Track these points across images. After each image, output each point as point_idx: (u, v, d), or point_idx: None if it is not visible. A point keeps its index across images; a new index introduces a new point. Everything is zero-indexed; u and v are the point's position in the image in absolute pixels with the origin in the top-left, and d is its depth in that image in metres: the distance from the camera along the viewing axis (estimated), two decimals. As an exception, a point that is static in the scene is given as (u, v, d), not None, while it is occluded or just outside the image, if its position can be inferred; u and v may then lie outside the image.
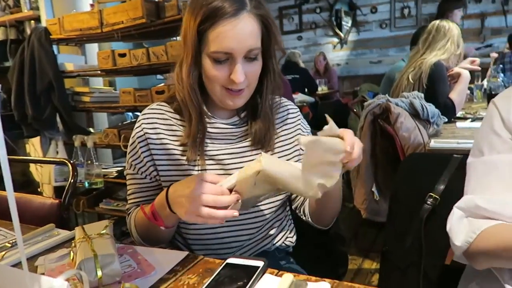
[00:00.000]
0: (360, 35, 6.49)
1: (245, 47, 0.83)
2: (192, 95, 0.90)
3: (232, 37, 0.82)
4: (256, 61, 0.87)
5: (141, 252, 0.83)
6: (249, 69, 0.86)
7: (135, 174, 0.97)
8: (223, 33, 0.82)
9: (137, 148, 0.95)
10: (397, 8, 6.13)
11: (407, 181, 1.13)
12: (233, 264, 0.72)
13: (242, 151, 0.96)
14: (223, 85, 0.87)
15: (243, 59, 0.85)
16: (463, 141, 1.57)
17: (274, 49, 0.92)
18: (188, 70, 0.89)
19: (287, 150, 1.01)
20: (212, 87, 0.89)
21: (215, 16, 0.81)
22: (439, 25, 2.21)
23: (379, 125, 1.85)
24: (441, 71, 2.10)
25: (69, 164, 1.29)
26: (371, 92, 3.44)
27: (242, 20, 0.82)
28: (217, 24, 0.82)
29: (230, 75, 0.85)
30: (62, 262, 0.81)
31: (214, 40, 0.83)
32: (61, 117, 2.40)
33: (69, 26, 2.22)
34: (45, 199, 1.26)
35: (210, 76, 0.87)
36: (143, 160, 0.94)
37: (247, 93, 0.91)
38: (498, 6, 5.53)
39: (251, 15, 0.84)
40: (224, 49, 0.83)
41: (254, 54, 0.86)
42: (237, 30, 0.82)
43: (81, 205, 2.35)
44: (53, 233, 0.96)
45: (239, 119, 0.97)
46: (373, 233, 2.67)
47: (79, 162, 2.31)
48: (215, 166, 0.94)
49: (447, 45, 2.16)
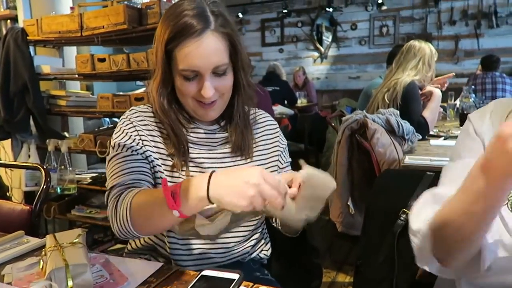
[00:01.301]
0: (340, 50, 6.64)
1: (211, 64, 0.87)
2: (162, 113, 0.93)
3: (197, 55, 0.85)
4: (225, 75, 0.91)
5: (114, 262, 0.82)
6: (219, 83, 0.90)
7: (120, 152, 0.90)
8: (189, 52, 0.86)
9: (125, 131, 0.94)
10: (376, 26, 6.32)
11: (382, 197, 1.16)
12: (208, 277, 0.71)
13: (223, 157, 0.98)
14: (194, 97, 0.91)
15: (211, 75, 0.88)
16: (436, 159, 1.62)
17: (241, 64, 0.94)
18: (157, 88, 0.92)
19: (264, 160, 1.03)
20: (184, 100, 0.93)
21: (181, 36, 0.85)
22: (410, 45, 2.29)
23: (356, 140, 1.89)
24: (414, 91, 2.17)
25: (42, 169, 1.25)
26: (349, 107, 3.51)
27: (206, 39, 0.85)
28: (183, 44, 0.86)
29: (200, 90, 0.89)
30: (30, 271, 0.78)
31: (181, 59, 0.87)
32: (35, 120, 2.33)
33: (47, 28, 2.18)
34: (14, 205, 1.23)
35: (181, 91, 0.91)
36: (132, 139, 0.92)
37: (220, 104, 0.94)
38: (471, 29, 5.77)
39: (215, 33, 0.87)
40: (191, 67, 0.87)
41: (222, 69, 0.89)
42: (202, 49, 0.85)
43: (52, 211, 2.28)
44: (22, 241, 0.93)
45: (219, 126, 1.00)
46: (347, 246, 2.70)
47: (51, 167, 2.25)
48: (195, 169, 0.95)
49: (418, 66, 2.23)
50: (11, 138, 2.48)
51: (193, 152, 0.96)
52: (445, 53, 5.82)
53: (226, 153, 0.98)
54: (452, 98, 3.05)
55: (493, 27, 5.63)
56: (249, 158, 1.00)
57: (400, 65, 2.28)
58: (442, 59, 5.63)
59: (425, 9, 6.00)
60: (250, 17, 6.99)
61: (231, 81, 0.93)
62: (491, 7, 5.61)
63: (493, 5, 5.60)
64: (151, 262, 0.82)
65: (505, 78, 4.15)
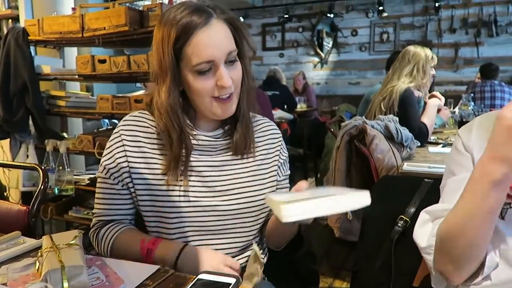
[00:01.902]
0: (340, 56, 6.66)
1: (225, 50, 0.85)
2: (173, 117, 0.89)
3: (210, 44, 0.84)
4: (236, 62, 0.89)
5: (111, 264, 0.81)
6: (232, 72, 0.88)
7: (107, 179, 0.95)
8: (200, 43, 0.84)
9: (113, 153, 0.94)
10: (377, 32, 6.34)
11: (380, 203, 1.16)
12: (204, 280, 0.71)
13: (222, 164, 0.96)
14: (212, 95, 0.88)
15: (224, 64, 0.87)
16: (434, 166, 1.62)
17: (245, 50, 0.93)
18: (168, 92, 0.88)
19: (265, 165, 1.01)
20: (200, 100, 0.89)
21: (187, 31, 0.84)
22: (405, 50, 2.29)
23: (354, 146, 1.89)
24: (411, 97, 2.17)
25: (40, 170, 1.25)
26: (349, 113, 3.51)
27: (214, 27, 0.85)
28: (192, 37, 0.84)
29: (216, 83, 0.86)
30: (26, 272, 0.78)
31: (193, 53, 0.84)
32: (34, 120, 2.33)
33: (48, 28, 2.18)
34: (12, 205, 1.22)
35: (197, 90, 0.87)
36: (117, 165, 0.93)
37: (235, 98, 0.92)
38: (471, 38, 5.80)
39: (220, 20, 0.87)
40: (206, 59, 0.84)
41: (233, 56, 0.88)
42: (213, 37, 0.84)
43: (49, 212, 2.27)
44: (18, 241, 0.93)
45: (223, 131, 0.97)
46: (345, 252, 2.69)
47: (50, 167, 2.24)
48: (194, 177, 0.93)
49: (413, 73, 2.23)
50: (9, 137, 2.48)
51: (194, 159, 0.94)
52: (445, 61, 5.84)
53: (226, 160, 0.96)
54: (451, 106, 3.06)
55: (493, 36, 5.66)
56: (251, 157, 0.98)
57: (395, 72, 2.29)
58: (442, 67, 5.65)
59: (426, 17, 6.03)
60: (251, 21, 7.02)
61: (241, 69, 0.91)
62: (491, 16, 5.65)
63: (493, 14, 5.64)
64: (148, 265, 0.81)
65: (504, 86, 4.16)
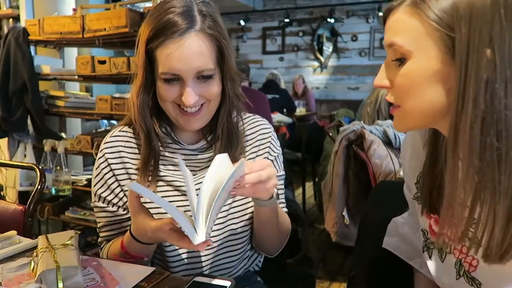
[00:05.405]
0: (340, 61, 6.67)
1: (193, 68, 0.79)
2: (140, 117, 0.86)
3: (178, 58, 0.78)
4: (211, 79, 0.83)
5: (106, 265, 0.81)
6: (204, 89, 0.82)
7: (105, 207, 0.91)
8: (169, 54, 0.78)
9: (105, 179, 0.91)
10: (377, 38, 6.36)
11: (377, 208, 1.15)
12: (200, 283, 0.71)
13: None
14: (176, 102, 0.84)
15: (195, 80, 0.81)
16: (432, 172, 1.62)
17: (228, 71, 0.86)
18: (138, 91, 0.85)
19: None
20: (164, 105, 0.86)
21: (162, 35, 0.79)
22: None
23: (353, 151, 1.89)
24: None
25: (37, 169, 1.24)
26: (347, 118, 3.52)
27: (188, 40, 0.78)
28: (164, 44, 0.79)
29: (181, 95, 0.81)
30: (21, 272, 0.78)
31: (161, 61, 0.80)
32: (33, 120, 2.33)
33: (49, 28, 2.18)
34: (8, 204, 1.22)
35: (161, 95, 0.84)
36: (114, 191, 0.90)
37: (205, 114, 0.86)
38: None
39: (201, 34, 0.79)
40: (170, 71, 0.79)
41: (207, 74, 0.81)
42: (183, 51, 0.78)
43: (45, 212, 2.26)
44: (14, 241, 0.92)
45: (206, 143, 0.92)
46: (341, 257, 2.69)
47: (47, 167, 2.24)
48: (173, 192, 0.90)
49: None
50: (7, 137, 2.48)
51: (167, 174, 0.89)
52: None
53: None
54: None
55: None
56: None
57: None
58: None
59: (425, 23, 6.05)
60: (252, 24, 7.04)
61: (218, 87, 0.84)
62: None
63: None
64: (143, 267, 0.81)
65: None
